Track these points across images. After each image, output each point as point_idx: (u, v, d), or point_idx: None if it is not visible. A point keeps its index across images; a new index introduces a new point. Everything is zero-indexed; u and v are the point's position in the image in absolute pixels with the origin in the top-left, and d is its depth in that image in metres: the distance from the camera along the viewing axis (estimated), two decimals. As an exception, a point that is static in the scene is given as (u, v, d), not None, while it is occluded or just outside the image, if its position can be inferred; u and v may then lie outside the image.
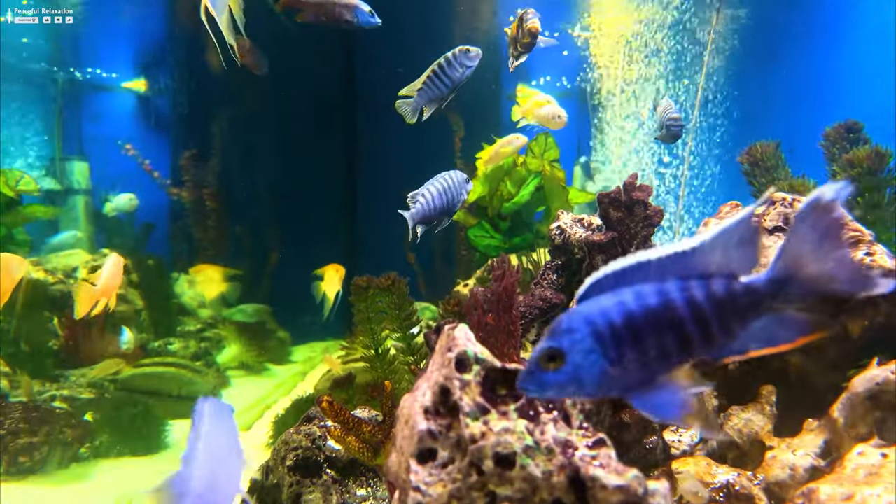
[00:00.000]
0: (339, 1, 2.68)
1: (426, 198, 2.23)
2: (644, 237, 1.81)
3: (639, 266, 0.93)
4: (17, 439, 3.55)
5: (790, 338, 0.93)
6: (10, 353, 4.54)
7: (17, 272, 2.96)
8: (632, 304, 0.92)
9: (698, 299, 0.92)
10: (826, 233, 0.92)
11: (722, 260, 0.93)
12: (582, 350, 0.92)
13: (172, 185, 7.60)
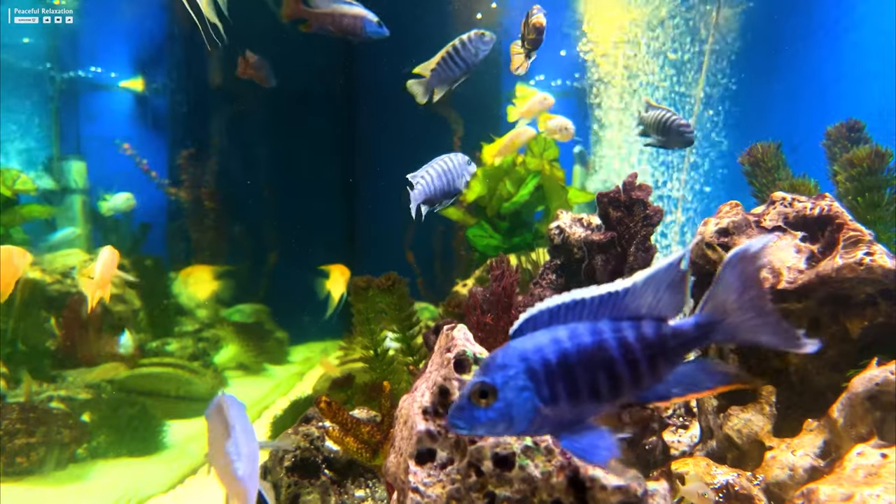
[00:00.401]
0: (346, 12, 2.66)
1: (426, 179, 2.24)
2: (643, 237, 1.81)
3: (574, 304, 0.94)
4: (14, 440, 3.54)
5: (710, 386, 0.96)
6: (8, 353, 4.52)
7: (21, 264, 2.96)
8: (566, 342, 0.92)
9: (629, 340, 0.93)
10: (750, 283, 0.96)
11: (652, 302, 0.96)
12: (515, 387, 0.91)
13: (170, 185, 7.58)
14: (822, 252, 1.79)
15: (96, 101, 8.60)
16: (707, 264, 1.93)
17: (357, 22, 2.66)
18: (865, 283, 1.67)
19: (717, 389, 0.97)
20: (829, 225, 1.80)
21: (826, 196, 1.86)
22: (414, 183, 2.28)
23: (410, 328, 2.80)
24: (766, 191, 3.02)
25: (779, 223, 1.89)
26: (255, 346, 6.51)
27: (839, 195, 2.72)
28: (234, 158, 7.87)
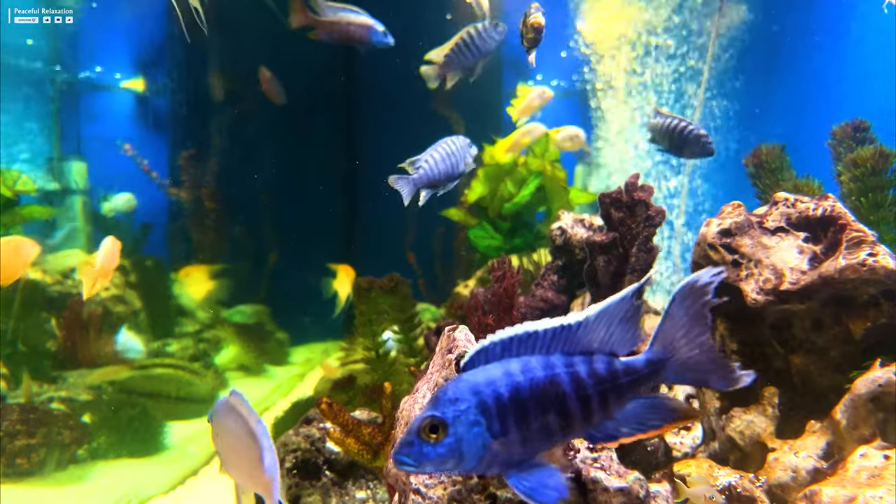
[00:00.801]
0: (352, 21, 2.68)
1: (429, 163, 2.25)
2: (646, 237, 1.80)
3: (527, 336, 0.92)
4: (14, 441, 3.53)
5: (657, 424, 0.95)
6: (8, 354, 4.52)
7: (31, 254, 2.97)
8: (519, 376, 0.90)
9: (581, 376, 0.92)
10: (696, 319, 0.95)
11: (605, 336, 0.94)
12: (466, 422, 0.88)
13: (171, 185, 7.58)
14: (824, 253, 1.78)
15: (97, 101, 8.61)
16: (709, 265, 1.93)
17: (363, 31, 2.69)
18: (868, 284, 1.67)
19: (665, 428, 0.96)
20: (831, 226, 1.80)
21: (829, 197, 1.86)
22: (415, 169, 2.27)
23: (412, 329, 2.79)
24: (769, 192, 3.01)
25: (781, 224, 1.88)
26: (255, 347, 6.51)
27: (843, 196, 2.71)
28: (234, 159, 7.87)
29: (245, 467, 1.28)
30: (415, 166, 2.29)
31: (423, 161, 2.28)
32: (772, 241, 1.85)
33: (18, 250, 2.96)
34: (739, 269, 1.85)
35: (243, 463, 1.28)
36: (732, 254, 1.86)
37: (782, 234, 1.86)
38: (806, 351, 1.82)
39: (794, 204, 1.89)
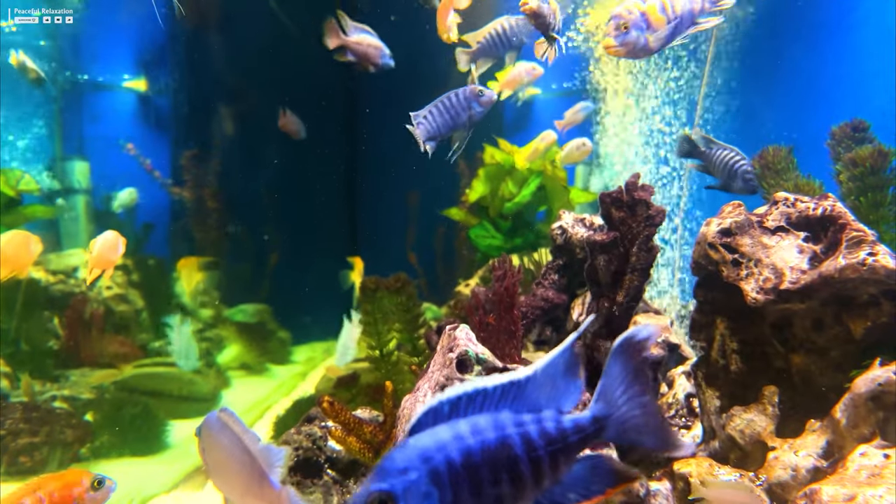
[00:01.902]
0: (371, 42, 2.79)
1: (428, 118, 2.29)
2: (646, 237, 1.81)
3: (475, 394, 0.87)
4: (17, 439, 3.55)
5: (601, 489, 0.92)
6: (10, 353, 4.53)
7: (35, 250, 2.99)
8: (469, 439, 0.84)
9: (532, 436, 0.87)
10: (633, 378, 0.92)
11: (552, 392, 0.91)
12: (417, 494, 0.81)
13: (173, 185, 7.60)
14: (824, 252, 1.78)
15: (99, 101, 8.62)
16: (710, 265, 1.93)
17: (377, 52, 2.79)
18: (868, 284, 1.67)
19: (609, 493, 0.92)
20: (831, 225, 1.80)
21: (829, 196, 1.86)
22: (416, 123, 2.32)
23: (417, 329, 2.81)
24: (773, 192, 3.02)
25: (781, 223, 1.88)
26: (257, 346, 6.52)
27: (843, 195, 2.72)
28: (236, 159, 7.88)
29: (242, 484, 1.27)
30: (415, 120, 2.34)
31: (421, 116, 2.31)
32: (772, 241, 1.86)
33: (25, 244, 2.98)
34: (739, 268, 1.85)
35: (240, 479, 1.27)
36: (732, 253, 1.87)
37: (782, 234, 1.87)
38: (806, 350, 1.82)
39: (794, 203, 1.90)
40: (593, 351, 1.86)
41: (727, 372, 1.97)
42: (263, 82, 7.82)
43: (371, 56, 2.78)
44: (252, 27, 7.64)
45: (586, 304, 2.01)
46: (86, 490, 1.52)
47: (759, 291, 1.79)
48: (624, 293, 1.81)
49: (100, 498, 1.51)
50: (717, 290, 1.96)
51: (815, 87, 6.29)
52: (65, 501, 1.48)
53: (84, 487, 1.53)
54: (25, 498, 1.46)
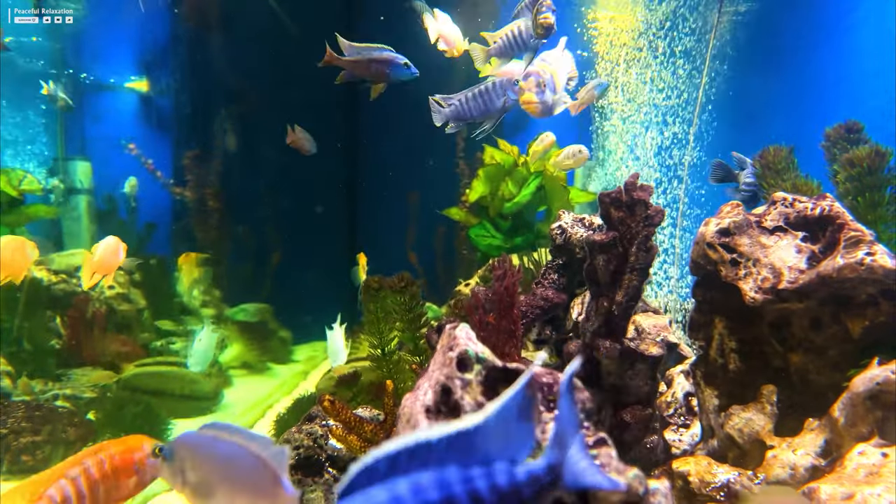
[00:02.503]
0: (374, 57, 2.76)
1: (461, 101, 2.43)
2: (645, 237, 1.81)
3: (417, 448, 0.77)
4: (19, 438, 3.56)
5: None
6: (13, 352, 4.55)
7: (31, 256, 3.01)
8: (409, 501, 0.74)
9: (482, 493, 0.78)
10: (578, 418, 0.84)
11: (503, 441, 0.82)
12: None
13: (175, 185, 7.62)
14: (822, 252, 1.79)
15: (101, 101, 8.65)
16: (708, 264, 1.94)
17: (383, 66, 2.78)
18: (867, 283, 1.68)
19: None
20: (829, 225, 1.81)
21: (827, 196, 1.87)
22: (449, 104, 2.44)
23: (419, 328, 2.81)
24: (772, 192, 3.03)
25: (780, 223, 1.89)
26: (258, 345, 6.54)
27: (839, 196, 2.73)
28: (238, 159, 7.90)
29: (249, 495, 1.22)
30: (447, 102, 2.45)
31: (455, 99, 2.43)
32: (770, 241, 1.87)
33: (23, 249, 3.00)
34: (738, 267, 1.86)
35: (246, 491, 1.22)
36: (731, 253, 1.88)
37: (780, 234, 1.87)
38: (804, 349, 1.83)
39: (793, 203, 1.91)
40: (592, 350, 1.87)
41: (726, 371, 1.98)
42: (264, 82, 7.83)
43: (375, 71, 2.77)
44: (253, 27, 7.66)
45: (585, 304, 2.02)
46: (146, 456, 1.52)
47: (758, 291, 1.80)
48: (623, 293, 1.82)
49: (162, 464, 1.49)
50: (715, 290, 1.97)
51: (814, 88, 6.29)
52: (125, 465, 1.48)
53: (145, 453, 1.52)
54: (87, 459, 1.46)
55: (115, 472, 1.46)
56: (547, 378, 1.25)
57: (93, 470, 1.44)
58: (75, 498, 1.40)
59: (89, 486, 1.42)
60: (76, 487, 1.41)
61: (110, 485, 1.46)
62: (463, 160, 7.27)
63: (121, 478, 1.47)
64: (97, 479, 1.44)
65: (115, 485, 1.46)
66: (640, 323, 2.43)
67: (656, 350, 1.89)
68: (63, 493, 1.38)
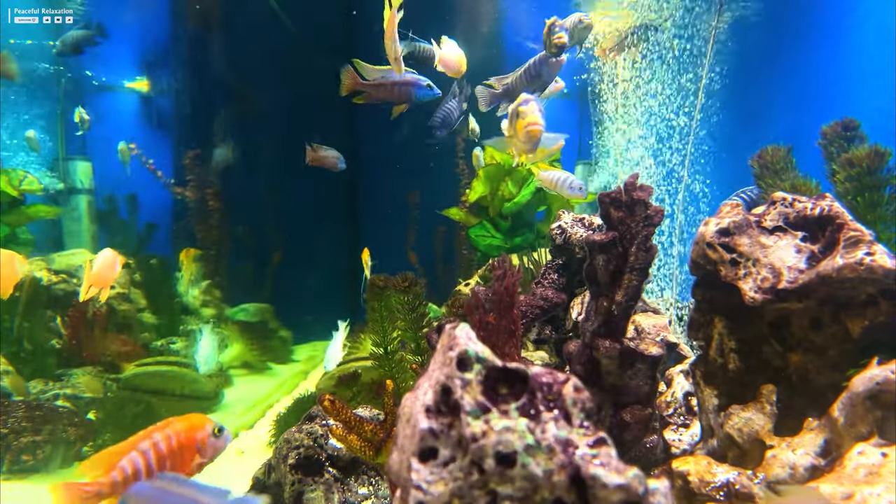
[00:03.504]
0: (397, 80, 2.81)
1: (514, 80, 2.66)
2: (645, 237, 1.82)
3: None
4: (20, 438, 3.57)
5: None
6: (13, 351, 4.56)
7: (20, 269, 3.01)
8: None
9: None
10: None
11: None
12: None
13: (176, 185, 7.63)
14: (822, 252, 1.79)
15: (102, 101, 8.66)
16: (708, 265, 1.94)
17: (407, 89, 2.84)
18: (866, 283, 1.68)
19: None
20: (829, 225, 1.81)
21: (826, 196, 1.87)
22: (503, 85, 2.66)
23: (421, 328, 2.82)
24: (770, 191, 3.04)
25: (779, 223, 1.89)
26: (259, 345, 6.55)
27: (838, 194, 2.73)
28: (238, 159, 7.91)
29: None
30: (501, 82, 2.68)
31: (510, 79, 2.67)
32: (770, 241, 1.87)
33: (11, 264, 3.01)
34: (738, 267, 1.86)
35: None
36: (731, 253, 1.88)
37: (780, 234, 1.87)
38: (804, 349, 1.83)
39: (793, 203, 1.91)
40: (592, 350, 1.88)
41: (725, 371, 1.98)
42: (265, 82, 7.84)
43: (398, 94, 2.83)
44: (253, 28, 7.66)
45: (585, 304, 2.02)
46: (208, 435, 1.57)
47: (757, 291, 1.80)
48: (623, 293, 1.83)
49: (219, 445, 1.56)
50: (715, 290, 1.97)
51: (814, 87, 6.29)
52: (189, 443, 1.53)
53: (207, 433, 1.57)
54: (156, 433, 1.52)
55: (180, 448, 1.52)
56: (546, 378, 1.25)
57: (161, 445, 1.50)
58: (145, 470, 1.46)
59: (158, 459, 1.48)
60: (146, 460, 1.47)
61: (176, 461, 1.52)
62: (464, 160, 7.28)
63: (185, 455, 1.53)
64: (165, 453, 1.50)
65: (179, 461, 1.52)
66: (640, 323, 2.44)
67: (656, 350, 1.89)
68: (134, 465, 1.45)
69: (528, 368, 1.08)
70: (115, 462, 1.46)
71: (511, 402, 1.24)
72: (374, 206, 8.52)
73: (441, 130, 2.76)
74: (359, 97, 2.86)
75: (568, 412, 1.27)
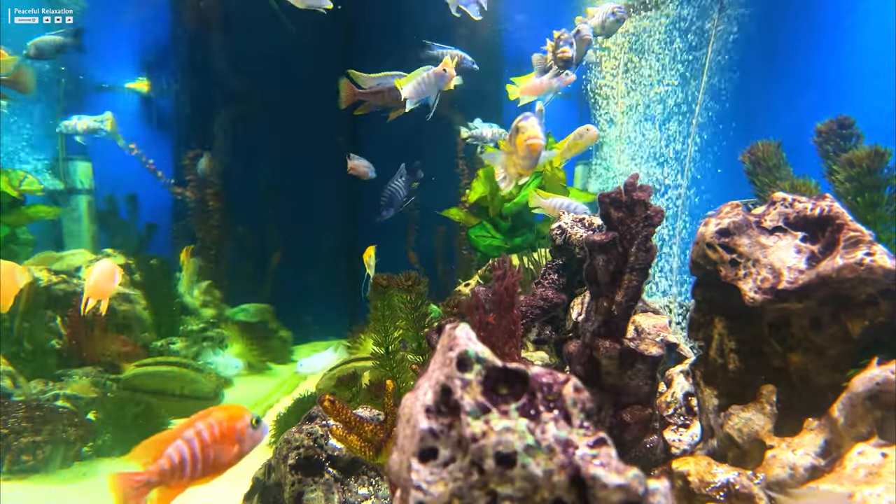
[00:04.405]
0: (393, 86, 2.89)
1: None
2: (645, 237, 1.82)
3: None
4: (20, 438, 3.57)
5: None
6: (13, 352, 4.56)
7: (21, 280, 3.02)
8: None
9: None
10: None
11: None
12: None
13: (176, 185, 7.64)
14: (822, 252, 1.79)
15: (102, 102, 8.66)
16: (708, 265, 1.94)
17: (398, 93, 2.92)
18: (866, 284, 1.68)
19: None
20: (829, 225, 1.81)
21: (826, 196, 1.87)
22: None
23: (423, 328, 2.83)
24: (767, 190, 3.04)
25: (779, 223, 1.89)
26: (259, 345, 6.55)
27: (837, 194, 2.73)
28: (238, 159, 7.91)
29: None
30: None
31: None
32: (770, 241, 1.87)
33: (11, 275, 3.01)
34: (738, 268, 1.86)
35: None
36: (730, 253, 1.88)
37: (780, 234, 1.88)
38: (804, 349, 1.83)
39: (793, 204, 1.91)
40: (592, 350, 1.88)
41: (725, 371, 1.98)
42: (264, 82, 7.84)
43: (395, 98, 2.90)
44: (253, 28, 7.66)
45: (585, 304, 2.02)
46: (247, 426, 1.59)
47: (757, 291, 1.80)
48: (623, 293, 1.83)
49: (257, 437, 1.58)
50: (715, 290, 1.97)
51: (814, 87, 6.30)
52: (230, 433, 1.55)
53: (246, 423, 1.59)
54: (199, 421, 1.55)
55: (221, 438, 1.54)
56: (546, 378, 1.25)
57: (205, 433, 1.52)
58: (190, 458, 1.49)
59: (202, 448, 1.51)
60: (191, 448, 1.50)
61: (217, 450, 1.53)
62: (463, 160, 7.29)
63: (226, 444, 1.54)
64: (208, 442, 1.52)
65: (220, 450, 1.54)
66: (640, 323, 2.44)
67: (656, 350, 1.89)
68: (180, 453, 1.48)
69: (528, 369, 1.08)
70: (162, 450, 1.48)
71: (511, 402, 1.24)
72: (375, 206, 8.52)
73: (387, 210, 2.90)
74: (359, 108, 2.92)
75: (568, 412, 1.27)
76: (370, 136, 8.20)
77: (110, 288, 3.23)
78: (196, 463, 1.49)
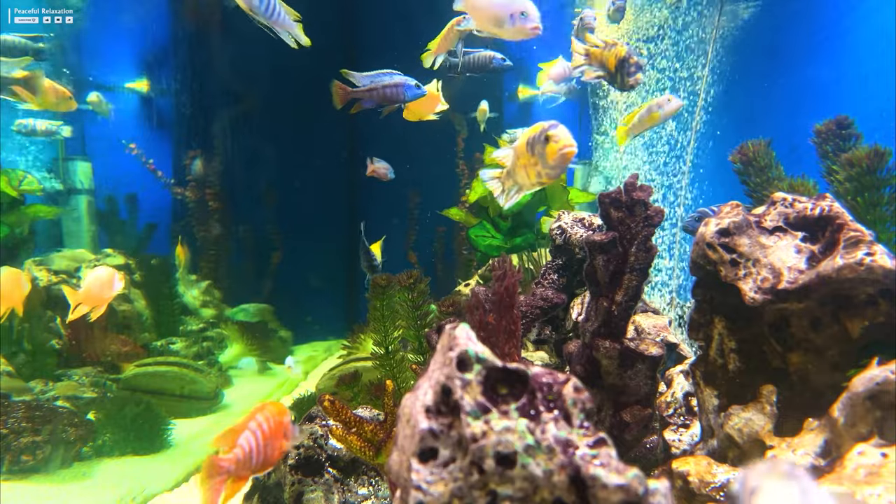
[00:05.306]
0: (387, 83, 2.89)
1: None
2: (644, 237, 1.82)
3: None
4: (20, 438, 3.57)
5: None
6: (13, 352, 4.56)
7: (25, 287, 3.01)
8: None
9: None
10: None
11: None
12: None
13: (176, 185, 7.64)
14: (822, 252, 1.79)
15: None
16: (708, 265, 1.94)
17: (398, 90, 2.91)
18: (866, 284, 1.68)
19: None
20: (829, 225, 1.81)
21: (826, 196, 1.87)
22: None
23: (423, 327, 2.82)
24: (759, 190, 3.04)
25: (779, 223, 1.89)
26: (259, 345, 6.55)
27: (837, 194, 2.73)
28: (238, 158, 7.91)
29: None
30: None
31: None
32: (770, 241, 1.87)
33: (17, 281, 2.99)
34: (738, 268, 1.86)
35: None
36: (731, 253, 1.88)
37: (780, 234, 1.88)
38: (804, 349, 1.83)
39: (793, 204, 1.91)
40: (592, 350, 1.88)
41: (725, 371, 1.98)
42: (265, 82, 7.84)
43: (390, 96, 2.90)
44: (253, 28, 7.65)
45: (585, 304, 2.02)
46: (290, 422, 1.63)
47: (757, 291, 1.80)
48: (623, 293, 1.83)
49: (296, 433, 1.62)
50: (715, 290, 1.97)
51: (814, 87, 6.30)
52: (281, 427, 1.59)
53: (289, 419, 1.64)
54: (258, 414, 1.59)
55: (275, 431, 1.58)
56: (546, 378, 1.25)
57: (265, 425, 1.56)
58: (256, 450, 1.53)
59: (264, 439, 1.55)
60: (256, 439, 1.54)
61: (272, 443, 1.57)
62: (463, 160, 7.29)
63: (277, 437, 1.58)
64: (268, 434, 1.56)
65: (274, 444, 1.57)
66: (640, 323, 2.44)
67: (656, 350, 1.89)
68: (249, 443, 1.52)
69: (528, 369, 1.08)
70: (236, 440, 1.51)
71: (511, 402, 1.24)
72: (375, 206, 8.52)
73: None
74: (354, 107, 2.92)
75: (568, 412, 1.27)
76: (370, 136, 8.20)
77: (107, 296, 3.07)
78: (259, 455, 1.53)
